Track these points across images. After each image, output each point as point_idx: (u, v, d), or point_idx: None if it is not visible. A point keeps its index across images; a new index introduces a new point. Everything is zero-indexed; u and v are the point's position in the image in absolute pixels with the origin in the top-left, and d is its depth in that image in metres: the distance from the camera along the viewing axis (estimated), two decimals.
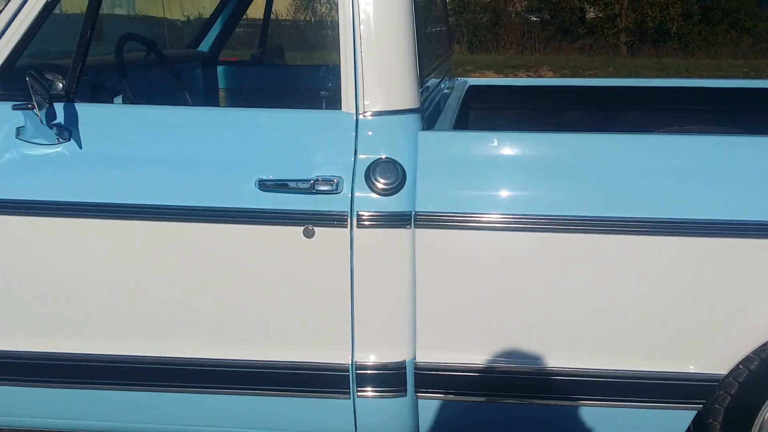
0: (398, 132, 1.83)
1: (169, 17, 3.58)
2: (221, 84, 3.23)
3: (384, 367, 1.86)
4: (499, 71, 14.43)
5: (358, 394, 1.88)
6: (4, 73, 1.89)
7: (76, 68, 1.87)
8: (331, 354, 1.86)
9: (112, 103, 2.17)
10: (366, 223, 1.78)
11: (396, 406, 1.90)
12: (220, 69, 3.23)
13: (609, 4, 18.08)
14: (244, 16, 3.36)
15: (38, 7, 1.85)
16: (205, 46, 3.22)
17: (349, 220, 1.78)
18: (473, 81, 3.32)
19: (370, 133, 1.82)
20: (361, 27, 1.81)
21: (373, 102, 1.82)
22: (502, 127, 3.13)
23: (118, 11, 3.98)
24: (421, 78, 1.94)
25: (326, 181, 1.77)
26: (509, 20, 18.70)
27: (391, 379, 1.87)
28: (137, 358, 1.88)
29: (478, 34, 18.42)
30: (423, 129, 1.87)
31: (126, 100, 2.23)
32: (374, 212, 1.78)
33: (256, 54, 3.35)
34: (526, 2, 19.27)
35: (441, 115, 2.20)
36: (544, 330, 1.81)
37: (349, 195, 1.78)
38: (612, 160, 1.78)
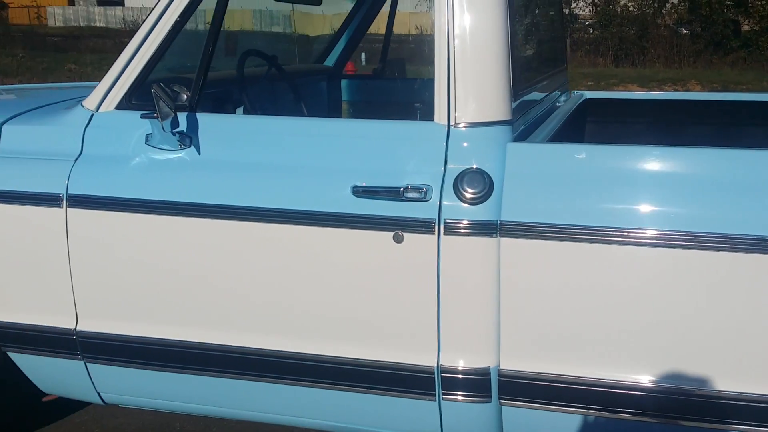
0: (487, 143, 1.89)
1: (311, 35, 3.80)
2: (344, 97, 3.40)
3: (468, 372, 1.92)
4: (644, 85, 14.00)
5: (444, 396, 1.95)
6: (139, 85, 2.11)
7: (199, 81, 2.06)
8: (418, 356, 1.94)
9: (233, 113, 2.36)
10: (453, 230, 1.85)
11: (481, 412, 1.95)
12: (343, 82, 3.40)
13: (765, 16, 17.10)
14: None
15: (167, 28, 2.06)
16: (330, 61, 3.40)
17: (436, 227, 1.86)
18: (590, 94, 3.32)
19: (460, 143, 1.89)
20: (456, 41, 1.89)
21: (463, 113, 1.90)
22: (616, 140, 3.10)
23: (276, 29, 4.29)
24: (517, 91, 1.99)
25: (416, 189, 1.86)
26: (657, 33, 18.07)
27: (475, 384, 1.92)
28: (243, 348, 2.04)
29: (624, 47, 17.94)
30: (514, 140, 1.92)
31: (246, 111, 2.42)
32: (461, 220, 1.85)
33: (377, 68, 3.50)
34: (676, 15, 18.57)
35: (540, 127, 2.24)
36: (629, 344, 1.81)
37: (437, 203, 1.86)
38: (696, 173, 1.77)
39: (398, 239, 1.88)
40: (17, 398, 2.40)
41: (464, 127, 1.90)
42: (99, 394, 2.26)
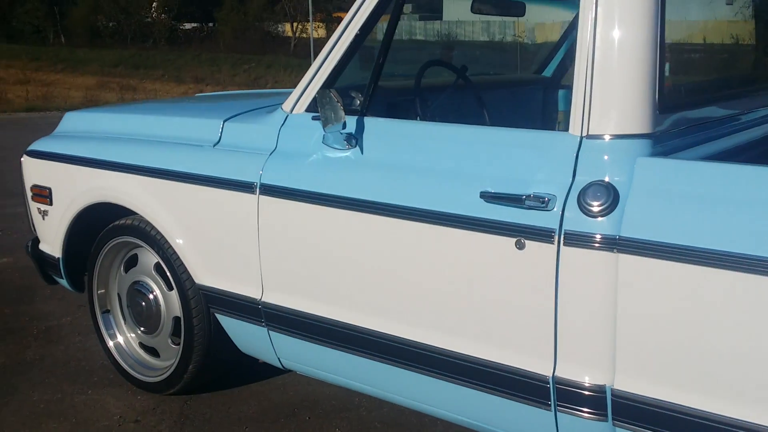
0: (618, 156, 1.86)
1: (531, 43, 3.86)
2: (561, 107, 3.41)
3: (582, 387, 1.90)
4: None
5: (559, 407, 1.95)
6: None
7: (370, 88, 2.28)
8: (535, 364, 1.97)
9: (405, 119, 2.53)
10: (573, 242, 1.85)
11: (595, 428, 1.92)
12: (560, 93, 3.41)
13: None
14: None
15: (348, 41, 2.31)
16: (548, 71, 3.43)
17: (556, 237, 1.87)
18: None
19: (590, 155, 1.89)
20: (596, 53, 1.88)
21: (597, 125, 1.88)
22: None
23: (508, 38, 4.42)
24: (667, 104, 1.92)
25: (538, 197, 1.89)
26: None
27: (590, 401, 1.90)
28: (383, 334, 2.23)
29: None
30: (654, 155, 1.86)
31: (423, 118, 2.58)
32: (581, 232, 1.84)
33: None
34: None
35: (708, 145, 2.10)
36: (748, 379, 1.67)
37: (560, 213, 1.87)
38: None
39: (520, 246, 1.93)
40: (232, 355, 2.82)
41: (596, 139, 1.89)
42: (279, 359, 2.60)
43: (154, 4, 39.04)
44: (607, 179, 1.85)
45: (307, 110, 2.43)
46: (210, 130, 2.67)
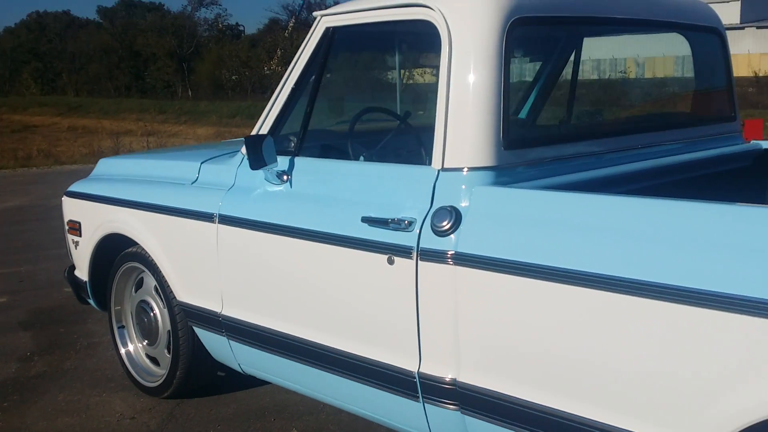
0: (463, 185, 2.20)
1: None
2: None
3: (439, 381, 2.23)
4: None
5: (425, 399, 2.28)
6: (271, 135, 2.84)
7: (301, 133, 2.72)
8: (406, 360, 2.31)
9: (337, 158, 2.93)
10: (426, 257, 2.20)
11: (451, 417, 2.24)
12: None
13: None
14: None
15: (285, 96, 2.76)
16: (524, 113, 3.75)
17: (415, 253, 2.23)
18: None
19: (444, 185, 2.24)
20: (451, 96, 2.25)
21: (451, 159, 2.24)
22: None
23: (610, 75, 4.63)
24: (514, 140, 2.26)
25: (403, 221, 2.26)
26: None
27: (445, 393, 2.23)
28: (300, 339, 2.62)
29: None
30: (497, 185, 2.19)
31: (352, 157, 2.96)
32: (431, 249, 2.19)
33: None
34: None
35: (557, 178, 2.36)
36: (568, 372, 1.96)
37: (418, 233, 2.23)
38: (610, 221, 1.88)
39: (391, 261, 2.30)
40: (211, 363, 3.28)
41: (450, 171, 2.24)
42: (239, 364, 3.03)
43: (275, 59, 41.20)
44: (452, 204, 2.20)
45: None
46: (191, 170, 3.18)
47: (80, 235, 3.72)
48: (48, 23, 61.27)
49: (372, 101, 2.71)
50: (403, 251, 2.26)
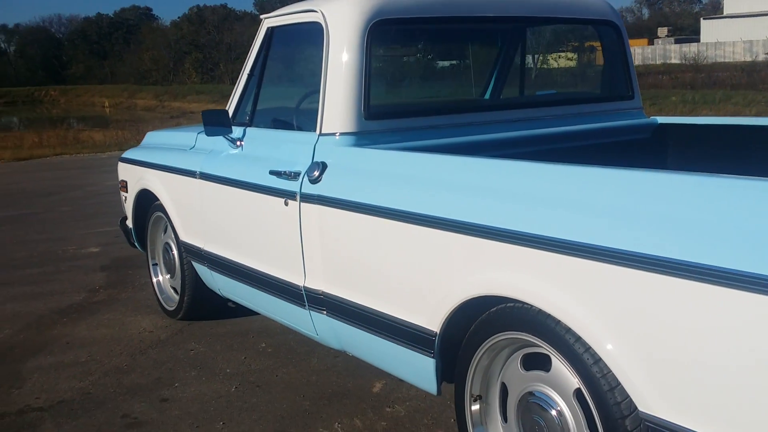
0: (332, 146, 2.93)
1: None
2: None
3: (310, 291, 2.98)
4: None
5: (309, 306, 3.04)
6: (236, 110, 3.65)
7: (253, 108, 3.52)
8: (298, 278, 3.07)
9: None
10: (304, 200, 2.95)
11: (317, 317, 3.00)
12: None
13: None
14: None
15: (245, 76, 3.58)
16: (487, 93, 4.37)
17: (298, 197, 2.98)
18: (663, 120, 3.63)
19: (321, 146, 2.98)
20: (328, 75, 2.98)
21: (326, 126, 2.97)
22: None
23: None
24: (376, 111, 2.95)
25: (292, 173, 3.02)
26: None
27: (312, 299, 2.98)
28: (246, 267, 3.44)
29: None
30: (357, 146, 2.91)
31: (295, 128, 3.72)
32: (306, 193, 2.94)
33: None
34: None
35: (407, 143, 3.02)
36: (396, 284, 2.68)
37: (300, 182, 2.98)
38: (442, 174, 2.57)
39: (286, 204, 3.07)
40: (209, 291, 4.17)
41: (326, 135, 2.97)
42: (219, 289, 3.90)
43: None
44: (322, 160, 2.93)
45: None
46: (191, 139, 4.07)
47: (127, 191, 4.73)
48: (207, 16, 65.58)
49: (302, 84, 3.42)
50: (292, 195, 3.02)
